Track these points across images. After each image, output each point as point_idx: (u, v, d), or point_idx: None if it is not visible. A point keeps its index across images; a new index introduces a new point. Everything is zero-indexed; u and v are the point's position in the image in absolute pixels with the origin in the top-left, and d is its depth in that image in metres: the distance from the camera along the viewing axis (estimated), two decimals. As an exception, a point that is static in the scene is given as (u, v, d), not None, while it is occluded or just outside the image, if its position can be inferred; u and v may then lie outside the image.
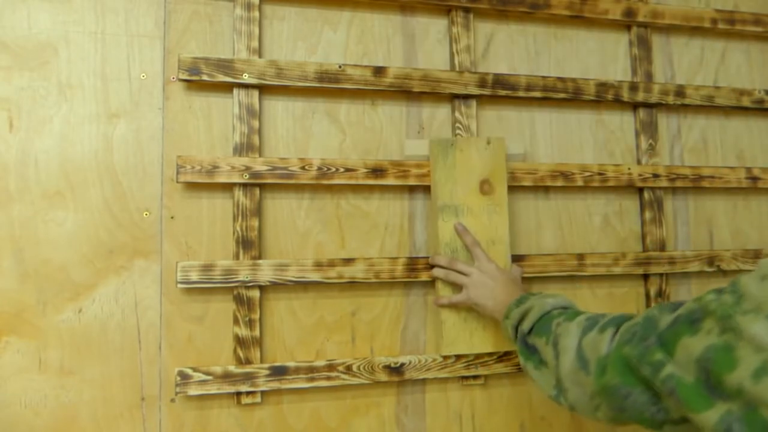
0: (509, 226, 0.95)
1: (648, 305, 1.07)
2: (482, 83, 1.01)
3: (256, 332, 0.89)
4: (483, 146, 0.96)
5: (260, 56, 0.95)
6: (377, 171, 0.95)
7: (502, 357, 0.96)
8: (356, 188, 0.97)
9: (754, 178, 1.14)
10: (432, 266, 0.94)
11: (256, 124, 0.92)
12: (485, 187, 0.95)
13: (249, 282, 0.88)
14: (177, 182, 0.88)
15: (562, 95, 1.05)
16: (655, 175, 1.08)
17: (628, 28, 1.13)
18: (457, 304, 0.91)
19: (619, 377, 0.56)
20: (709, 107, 1.15)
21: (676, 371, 0.49)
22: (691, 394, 0.47)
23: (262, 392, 0.89)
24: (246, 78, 0.91)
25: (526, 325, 0.75)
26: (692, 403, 0.47)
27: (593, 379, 0.60)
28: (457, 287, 0.91)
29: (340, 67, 0.95)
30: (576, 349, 0.64)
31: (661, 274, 1.07)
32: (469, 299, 0.88)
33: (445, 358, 0.94)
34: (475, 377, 0.97)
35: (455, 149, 0.95)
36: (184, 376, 0.85)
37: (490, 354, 0.96)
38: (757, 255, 1.12)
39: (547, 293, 0.80)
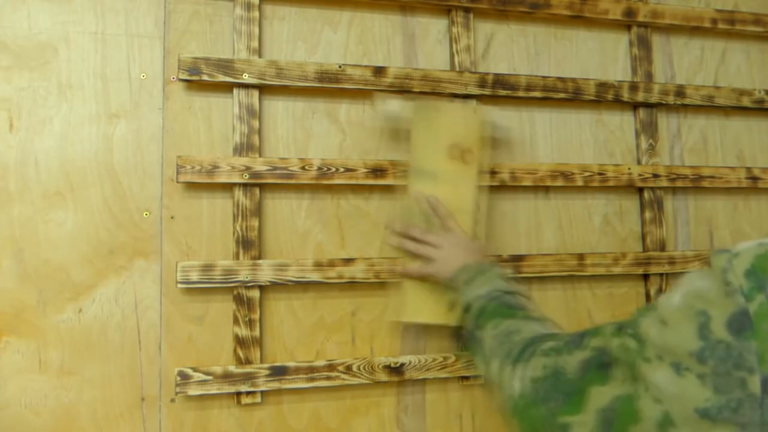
0: (477, 194, 0.93)
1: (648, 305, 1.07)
2: (482, 83, 1.01)
3: (256, 332, 0.89)
4: (467, 113, 0.94)
5: (260, 56, 0.95)
6: (377, 171, 0.95)
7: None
8: (356, 188, 0.97)
9: (754, 178, 1.14)
10: (401, 237, 0.91)
11: (256, 124, 0.92)
12: (462, 154, 0.93)
13: (249, 282, 0.88)
14: (177, 182, 0.88)
15: (562, 95, 1.05)
16: (655, 175, 1.08)
17: (628, 28, 1.13)
18: (426, 276, 0.88)
19: (526, 429, 0.55)
20: (709, 107, 1.15)
21: (577, 431, 0.47)
22: None
23: (262, 392, 0.89)
24: (246, 78, 0.91)
25: (470, 322, 0.74)
26: None
27: (506, 409, 0.59)
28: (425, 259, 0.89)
29: (340, 67, 0.95)
30: (496, 372, 0.63)
31: (661, 274, 1.07)
32: (436, 272, 0.86)
33: (445, 358, 0.94)
34: (475, 377, 0.97)
35: (436, 114, 0.93)
36: (184, 376, 0.85)
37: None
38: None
39: (482, 279, 0.78)
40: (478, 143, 0.94)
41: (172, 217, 0.89)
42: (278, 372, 0.88)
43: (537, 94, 1.04)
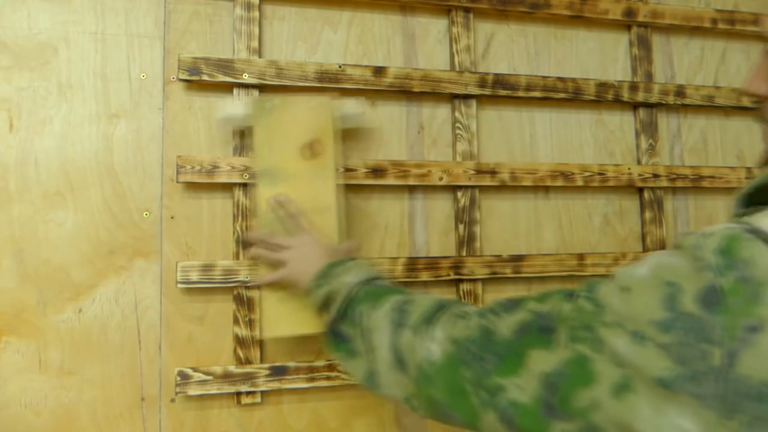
0: (336, 191, 0.86)
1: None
2: (482, 83, 1.01)
3: (256, 332, 0.89)
4: (310, 105, 0.87)
5: (260, 56, 0.95)
6: (377, 171, 0.95)
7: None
8: (356, 188, 0.97)
9: (754, 178, 1.13)
10: (250, 244, 0.86)
11: (256, 124, 0.92)
12: (311, 149, 0.86)
13: (249, 282, 0.88)
14: (177, 182, 0.88)
15: (562, 95, 1.05)
16: (655, 175, 1.08)
17: (628, 28, 1.13)
18: (278, 281, 0.81)
19: (447, 396, 0.52)
20: (709, 107, 1.15)
21: (517, 395, 0.45)
22: (530, 419, 0.44)
23: (262, 392, 0.89)
24: (246, 78, 0.91)
25: (332, 314, 0.68)
26: (530, 427, 0.44)
27: (414, 383, 0.56)
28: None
29: (340, 67, 0.95)
30: (389, 348, 0.59)
31: (661, 274, 1.07)
32: (288, 275, 0.79)
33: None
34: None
35: (278, 109, 0.86)
36: (184, 376, 0.85)
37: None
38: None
39: (348, 264, 0.72)
40: (329, 137, 0.87)
41: (172, 217, 0.89)
42: (278, 372, 0.88)
43: (537, 94, 1.04)
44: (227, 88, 0.92)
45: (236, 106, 0.89)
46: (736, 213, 0.47)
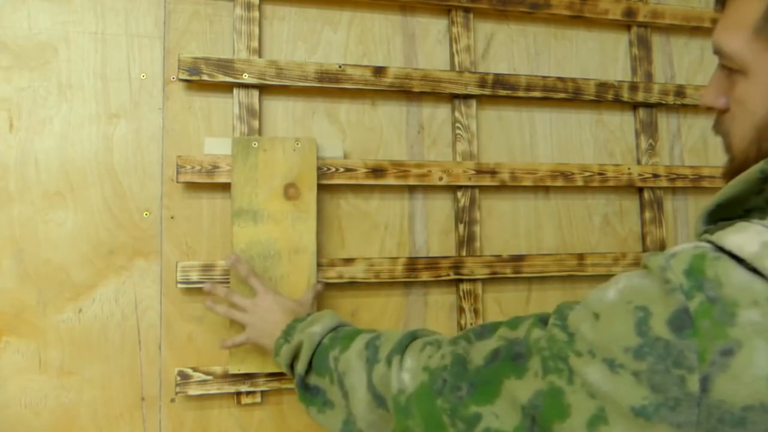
0: (316, 234, 0.88)
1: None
2: (482, 83, 1.01)
3: (256, 332, 0.89)
4: (290, 147, 0.88)
5: (260, 56, 0.95)
6: (377, 171, 0.95)
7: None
8: (356, 188, 0.97)
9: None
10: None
11: (256, 124, 0.92)
12: (291, 191, 0.87)
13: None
14: (177, 182, 0.88)
15: (562, 95, 1.05)
16: (655, 175, 1.08)
17: (628, 28, 1.13)
18: (240, 344, 0.80)
19: (424, 428, 0.50)
20: (709, 107, 1.15)
21: (494, 423, 0.45)
22: None
23: (262, 392, 0.89)
24: (246, 78, 0.91)
25: (301, 367, 0.66)
26: None
27: (394, 417, 0.54)
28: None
29: (340, 67, 0.95)
30: (367, 386, 0.58)
31: (661, 274, 1.07)
32: (249, 339, 0.78)
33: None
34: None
35: (258, 149, 0.87)
36: (184, 376, 0.85)
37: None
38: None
39: (313, 316, 0.71)
40: (312, 178, 0.88)
41: (172, 217, 0.89)
42: (278, 372, 0.88)
43: (537, 94, 1.04)
44: (227, 88, 0.92)
45: (221, 143, 0.89)
46: (701, 231, 0.45)
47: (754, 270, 0.36)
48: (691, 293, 0.36)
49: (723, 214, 0.45)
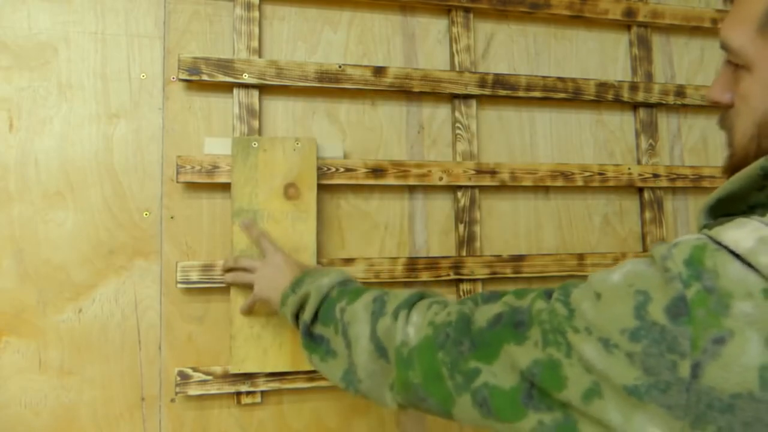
0: (316, 233, 0.88)
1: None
2: (482, 83, 1.01)
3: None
4: (290, 147, 0.89)
5: (260, 56, 0.95)
6: (377, 171, 0.95)
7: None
8: (356, 188, 0.97)
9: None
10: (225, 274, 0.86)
11: (256, 124, 0.92)
12: (291, 191, 0.87)
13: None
14: (177, 182, 0.88)
15: (562, 95, 1.05)
16: (655, 175, 1.08)
17: (628, 28, 1.13)
18: (252, 305, 0.83)
19: (423, 379, 0.52)
20: (709, 107, 1.15)
21: (491, 379, 0.46)
22: (505, 403, 0.45)
23: (262, 392, 0.89)
24: (246, 78, 0.91)
25: (307, 315, 0.67)
26: (505, 412, 0.45)
27: (395, 369, 0.56)
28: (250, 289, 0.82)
29: (340, 67, 0.95)
30: (370, 337, 0.59)
31: (661, 274, 1.07)
32: (256, 296, 0.79)
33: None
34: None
35: (258, 149, 0.88)
36: (184, 376, 0.85)
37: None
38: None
39: (322, 270, 0.73)
40: (312, 178, 0.88)
41: (172, 217, 0.89)
42: (278, 372, 0.88)
43: (537, 94, 1.04)
44: (227, 88, 0.92)
45: (220, 143, 0.89)
46: (702, 225, 0.47)
47: (749, 264, 0.37)
48: (689, 282, 0.38)
49: (725, 210, 0.46)
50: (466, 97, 1.01)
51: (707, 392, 0.35)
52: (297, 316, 0.70)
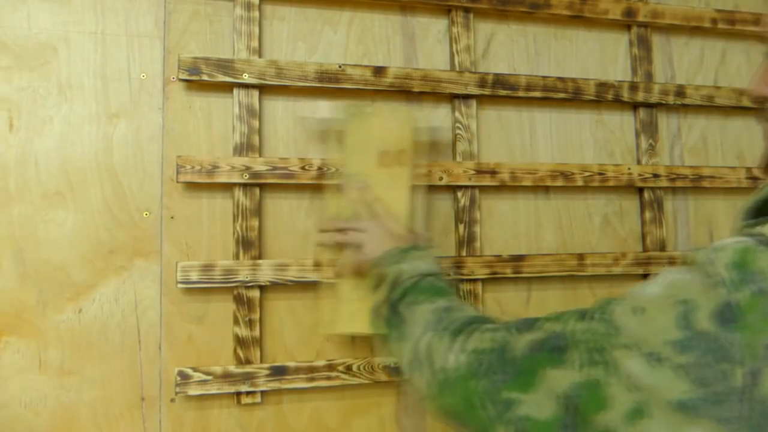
0: (410, 199, 0.89)
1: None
2: (482, 83, 1.01)
3: (256, 332, 0.89)
4: (395, 116, 0.92)
5: (260, 56, 0.95)
6: (377, 171, 0.95)
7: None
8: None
9: (755, 178, 1.14)
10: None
11: (256, 124, 0.92)
12: (392, 157, 0.90)
13: (249, 282, 0.88)
14: (177, 182, 0.88)
15: (562, 95, 1.05)
16: (655, 175, 1.08)
17: (628, 28, 1.13)
18: (359, 264, 0.82)
19: (457, 407, 0.52)
20: (709, 107, 1.15)
21: (530, 410, 0.45)
22: None
23: (262, 392, 0.89)
24: (246, 78, 0.91)
25: (396, 294, 0.68)
26: None
27: (429, 388, 0.56)
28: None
29: (340, 67, 0.95)
30: (413, 344, 0.59)
31: (661, 274, 1.07)
32: (366, 255, 0.80)
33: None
34: (475, 377, 0.97)
35: (365, 118, 0.91)
36: (184, 376, 0.85)
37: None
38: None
39: (428, 250, 0.75)
40: (409, 147, 0.91)
41: (172, 217, 0.89)
42: (278, 372, 0.88)
43: (537, 94, 1.04)
44: (227, 88, 0.92)
45: (328, 110, 0.94)
46: (742, 225, 0.45)
47: None
48: (737, 286, 0.36)
49: (766, 210, 0.45)
50: (466, 97, 1.01)
51: (762, 401, 0.34)
52: (389, 284, 0.71)
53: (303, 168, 0.92)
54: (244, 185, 0.90)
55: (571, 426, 0.42)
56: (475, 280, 0.98)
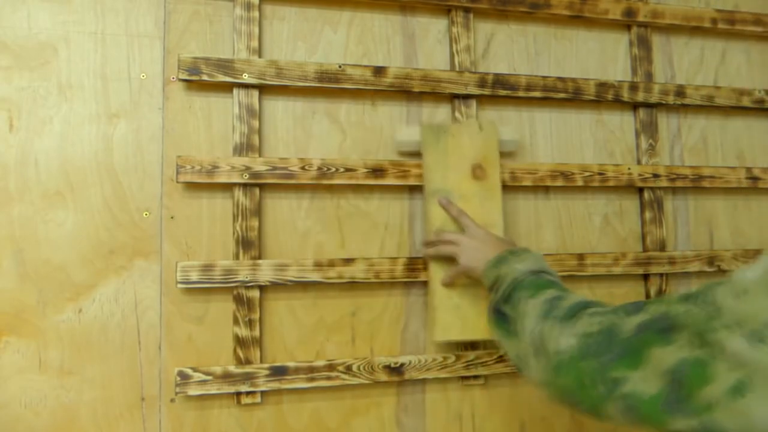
0: (502, 210, 0.95)
1: (648, 305, 1.07)
2: (482, 83, 1.01)
3: (256, 332, 0.89)
4: (475, 131, 0.96)
5: (260, 56, 0.95)
6: (377, 171, 0.95)
7: (502, 357, 0.96)
8: (356, 188, 0.97)
9: (754, 178, 1.14)
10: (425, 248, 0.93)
11: (256, 124, 0.92)
12: (477, 172, 0.95)
13: (249, 282, 0.88)
14: (177, 182, 0.88)
15: (562, 95, 1.05)
16: (655, 175, 1.08)
17: (628, 28, 1.13)
18: (455, 275, 0.89)
19: (570, 387, 0.55)
20: (709, 107, 1.15)
21: (638, 386, 0.48)
22: (653, 409, 0.46)
23: (262, 392, 0.89)
24: (246, 78, 0.91)
25: (499, 295, 0.74)
26: (649, 417, 0.47)
27: (547, 372, 0.59)
28: (449, 263, 0.90)
29: (340, 67, 0.95)
30: (530, 335, 0.63)
31: (661, 274, 1.07)
32: (461, 267, 0.85)
33: (445, 358, 0.94)
34: (475, 377, 0.97)
35: (447, 134, 0.95)
36: (184, 376, 0.85)
37: (489, 354, 0.96)
38: (757, 255, 1.11)
39: (521, 255, 0.78)
40: (495, 159, 0.96)
41: (172, 217, 0.89)
42: (278, 372, 0.88)
43: (537, 94, 1.04)
44: (227, 88, 0.92)
45: (410, 131, 0.97)
46: None
47: None
48: None
49: None
50: (466, 97, 1.01)
51: None
52: (490, 290, 0.77)
53: (303, 168, 0.92)
54: (244, 185, 0.90)
55: (675, 401, 0.45)
56: (475, 280, 0.98)
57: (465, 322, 0.91)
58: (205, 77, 0.89)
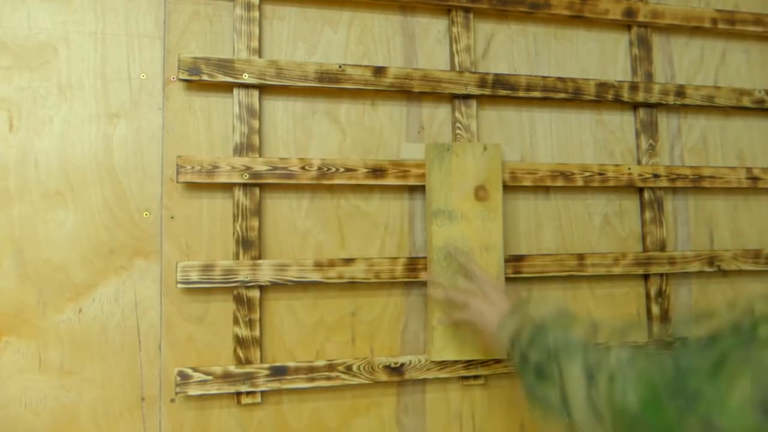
0: (503, 232, 0.95)
1: (648, 305, 1.07)
2: (482, 83, 1.01)
3: (256, 332, 0.89)
4: (479, 152, 0.96)
5: (260, 56, 0.95)
6: (377, 171, 0.95)
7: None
8: (356, 188, 0.97)
9: (755, 178, 1.14)
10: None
11: (256, 124, 0.92)
12: (480, 193, 0.95)
13: (249, 282, 0.88)
14: (177, 182, 0.88)
15: (562, 95, 1.05)
16: (655, 175, 1.08)
17: (628, 28, 1.13)
18: (459, 323, 0.90)
19: (640, 405, 0.54)
20: (709, 107, 1.15)
21: (716, 397, 0.47)
22: (734, 421, 0.46)
23: (262, 392, 0.89)
24: (246, 78, 0.91)
25: (524, 340, 0.73)
26: (735, 428, 0.46)
27: (610, 396, 0.57)
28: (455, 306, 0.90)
29: (340, 67, 0.95)
30: (582, 366, 0.62)
31: (661, 275, 1.07)
32: (472, 318, 0.85)
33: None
34: (475, 377, 0.97)
35: (451, 154, 0.95)
36: (184, 376, 0.85)
37: (490, 354, 0.96)
38: (757, 255, 1.11)
39: (533, 304, 0.81)
40: (498, 180, 0.96)
41: (172, 217, 0.89)
42: (278, 372, 0.88)
43: (537, 94, 1.04)
44: (227, 88, 0.92)
45: (416, 149, 0.98)
46: None
47: None
48: None
49: None
50: (466, 97, 1.01)
51: None
52: (512, 341, 0.75)
53: (303, 168, 0.92)
54: (244, 185, 0.90)
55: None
56: (475, 280, 0.98)
57: (462, 342, 0.92)
58: (205, 77, 0.89)
